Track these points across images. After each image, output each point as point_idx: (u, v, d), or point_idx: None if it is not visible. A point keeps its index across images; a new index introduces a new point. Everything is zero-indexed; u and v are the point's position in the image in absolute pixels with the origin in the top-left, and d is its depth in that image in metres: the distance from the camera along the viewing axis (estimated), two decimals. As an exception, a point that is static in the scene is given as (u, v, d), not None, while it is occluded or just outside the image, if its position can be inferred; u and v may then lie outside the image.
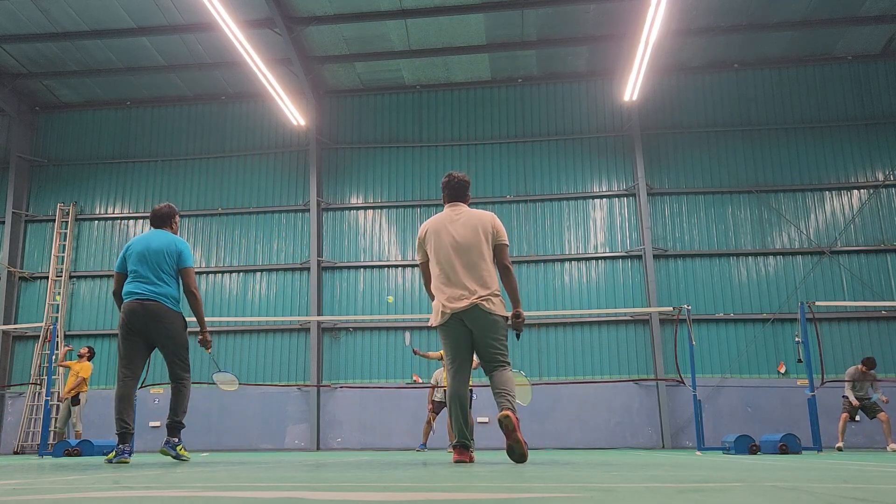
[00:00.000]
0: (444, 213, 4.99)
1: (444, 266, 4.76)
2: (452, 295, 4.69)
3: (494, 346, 4.69)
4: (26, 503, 1.87)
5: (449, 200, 5.02)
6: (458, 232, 4.79)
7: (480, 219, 4.84)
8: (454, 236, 4.78)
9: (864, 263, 14.17)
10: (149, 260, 5.64)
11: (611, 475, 2.87)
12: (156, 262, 5.63)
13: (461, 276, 4.70)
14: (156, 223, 5.94)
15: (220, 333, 15.02)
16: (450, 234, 4.80)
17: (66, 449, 9.29)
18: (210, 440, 14.30)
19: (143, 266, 5.63)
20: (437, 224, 4.90)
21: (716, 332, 14.06)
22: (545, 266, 14.66)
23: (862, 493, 1.96)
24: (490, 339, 4.68)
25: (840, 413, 11.14)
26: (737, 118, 15.17)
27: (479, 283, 4.68)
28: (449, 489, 2.20)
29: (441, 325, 4.76)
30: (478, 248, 4.75)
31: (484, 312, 4.65)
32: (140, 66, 15.35)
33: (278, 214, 15.65)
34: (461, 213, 4.90)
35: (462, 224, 4.82)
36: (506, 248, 4.87)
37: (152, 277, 5.60)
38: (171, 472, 3.51)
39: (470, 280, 4.68)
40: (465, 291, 4.67)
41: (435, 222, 4.93)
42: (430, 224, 4.95)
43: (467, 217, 4.86)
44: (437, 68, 15.43)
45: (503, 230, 4.91)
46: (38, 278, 15.80)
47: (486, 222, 4.83)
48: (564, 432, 13.71)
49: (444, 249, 4.78)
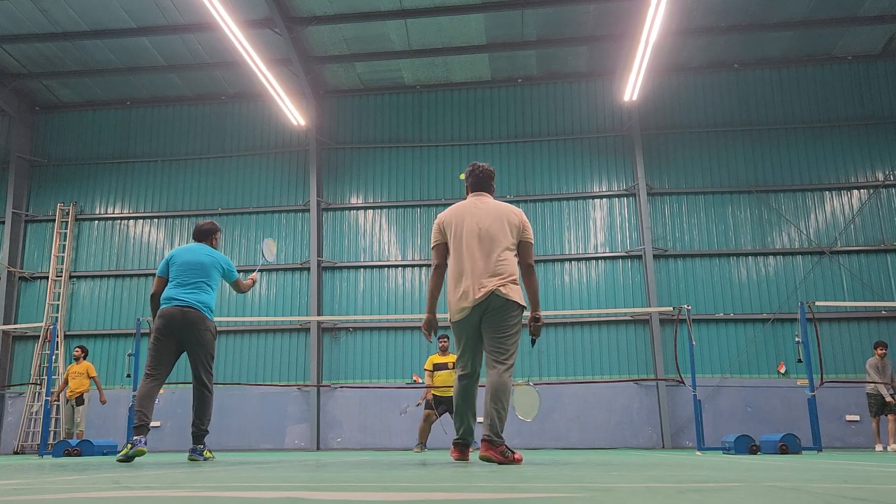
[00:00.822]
0: (467, 201, 4.78)
1: (464, 254, 4.55)
2: (469, 287, 4.47)
3: (501, 338, 4.45)
4: (26, 503, 1.87)
5: (473, 190, 4.83)
6: (482, 221, 4.59)
7: (508, 212, 4.66)
8: (478, 224, 4.58)
9: (864, 263, 14.17)
10: (196, 269, 5.99)
11: (611, 475, 2.87)
12: (203, 273, 6.00)
13: (480, 265, 4.49)
14: (198, 238, 6.32)
15: (220, 333, 15.01)
16: (473, 222, 4.60)
17: (66, 449, 9.29)
18: (210, 440, 14.25)
19: (190, 274, 5.96)
20: (461, 210, 4.70)
21: (716, 332, 14.06)
22: (545, 266, 14.66)
23: (862, 493, 1.96)
24: (499, 326, 4.46)
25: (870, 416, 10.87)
26: (737, 118, 15.17)
27: (498, 274, 4.47)
28: (449, 489, 2.20)
29: (459, 321, 4.56)
30: (500, 239, 4.55)
31: (498, 297, 4.43)
32: (140, 66, 15.35)
33: (278, 214, 15.65)
34: (487, 203, 4.70)
35: (487, 213, 4.62)
36: (531, 246, 4.70)
37: (195, 286, 5.93)
38: (171, 472, 3.51)
39: (488, 270, 4.47)
40: (482, 281, 4.46)
41: (457, 209, 4.72)
42: (451, 210, 4.75)
43: (494, 208, 4.66)
44: (437, 68, 15.43)
45: (530, 228, 4.73)
46: (38, 278, 15.80)
47: (514, 216, 4.65)
48: (564, 432, 13.71)
49: (465, 237, 4.58)
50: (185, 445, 14.27)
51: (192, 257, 6.04)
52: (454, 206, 4.77)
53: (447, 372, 10.02)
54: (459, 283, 4.54)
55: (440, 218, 4.78)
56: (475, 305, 4.47)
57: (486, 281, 4.45)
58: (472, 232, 4.58)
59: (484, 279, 4.46)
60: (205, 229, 6.33)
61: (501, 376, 4.40)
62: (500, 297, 4.44)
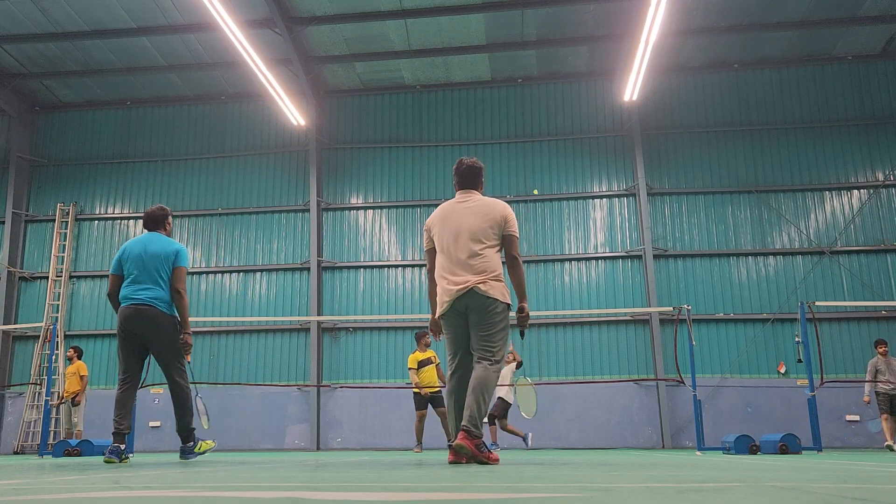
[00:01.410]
0: (453, 200, 4.78)
1: (447, 253, 4.57)
2: (453, 282, 4.49)
3: (485, 337, 4.45)
4: (26, 503, 1.86)
5: (460, 188, 4.78)
6: (464, 219, 4.59)
7: (491, 207, 4.62)
8: (460, 223, 4.58)
9: (864, 263, 14.17)
10: (146, 264, 5.61)
11: (611, 475, 2.87)
12: (153, 266, 5.61)
13: (462, 263, 4.50)
14: (150, 226, 5.89)
15: (220, 333, 15.03)
16: (456, 220, 4.60)
17: (66, 449, 9.28)
18: (210, 440, 14.27)
19: (141, 270, 5.61)
20: (445, 210, 4.71)
21: (716, 332, 14.06)
22: (545, 266, 14.66)
23: (862, 493, 1.96)
24: (483, 324, 4.45)
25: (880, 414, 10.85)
26: (737, 118, 15.17)
27: (479, 270, 4.47)
28: (449, 489, 2.20)
29: (443, 315, 4.60)
30: (483, 235, 4.53)
31: (479, 295, 4.43)
32: (140, 66, 15.35)
33: (278, 214, 15.65)
34: (472, 201, 4.68)
35: (470, 210, 4.62)
36: (515, 239, 4.64)
37: (149, 282, 5.58)
38: (171, 472, 3.51)
39: (470, 267, 4.48)
40: (464, 278, 4.46)
41: (442, 209, 4.74)
42: (437, 211, 4.77)
43: (478, 205, 4.64)
44: (437, 68, 15.43)
45: (514, 220, 4.67)
46: (38, 278, 15.80)
47: (497, 211, 4.60)
48: (564, 432, 13.71)
49: (448, 236, 4.59)
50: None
51: (143, 249, 5.66)
52: (440, 207, 4.79)
53: (431, 367, 10.06)
54: (442, 279, 4.59)
55: (428, 221, 4.83)
56: (455, 299, 4.49)
57: (466, 277, 4.47)
58: (452, 231, 4.59)
59: (464, 275, 4.48)
60: (157, 216, 5.90)
61: (486, 371, 4.40)
62: (480, 293, 4.43)
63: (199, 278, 15.43)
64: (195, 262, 15.56)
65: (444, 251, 4.61)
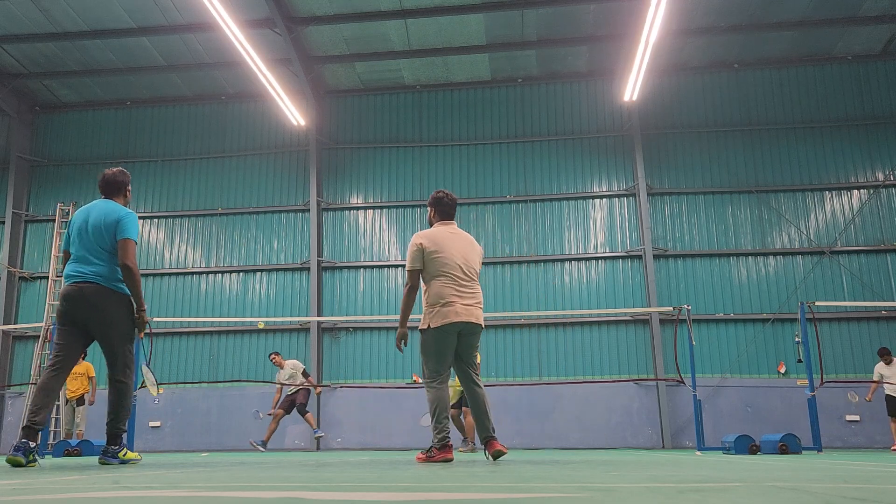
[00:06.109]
0: (442, 228, 5.25)
1: (454, 276, 5.07)
2: (464, 305, 5.02)
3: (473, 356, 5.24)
4: (26, 503, 1.86)
5: (442, 218, 5.29)
6: (464, 248, 5.17)
7: (474, 242, 5.33)
8: (463, 250, 5.15)
9: (864, 263, 14.17)
10: (86, 235, 4.85)
11: (611, 475, 2.87)
12: (94, 237, 4.83)
13: (471, 287, 5.11)
14: (106, 191, 5.05)
15: (220, 333, 15.02)
16: (459, 247, 5.15)
17: (66, 449, 9.28)
18: (210, 440, 14.29)
19: (81, 242, 4.86)
20: (440, 237, 5.16)
21: (716, 332, 14.06)
22: (545, 266, 14.66)
23: (862, 493, 1.96)
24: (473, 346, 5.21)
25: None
26: (737, 118, 15.17)
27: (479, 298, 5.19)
28: (449, 489, 2.20)
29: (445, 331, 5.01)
30: (476, 265, 5.24)
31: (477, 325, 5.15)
32: (140, 66, 15.35)
33: (278, 214, 15.65)
34: (460, 233, 5.27)
35: (464, 240, 5.23)
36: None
37: (89, 255, 4.82)
38: (171, 472, 3.51)
39: (473, 294, 5.12)
40: (473, 301, 5.08)
41: (436, 235, 5.17)
42: (430, 236, 5.18)
43: (467, 238, 5.28)
44: (437, 68, 15.43)
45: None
46: (38, 278, 15.80)
47: (477, 246, 5.33)
48: (564, 432, 13.71)
49: (458, 259, 5.10)
50: (186, 445, 14.27)
51: (84, 219, 4.88)
52: (430, 232, 5.23)
53: None
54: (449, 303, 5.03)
55: (418, 242, 5.17)
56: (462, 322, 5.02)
57: (472, 308, 5.08)
58: (459, 259, 5.11)
59: (470, 304, 5.08)
60: (113, 180, 5.04)
61: (482, 387, 5.20)
62: (478, 324, 5.12)
63: (199, 278, 15.42)
64: (195, 262, 15.54)
65: (449, 273, 5.07)
